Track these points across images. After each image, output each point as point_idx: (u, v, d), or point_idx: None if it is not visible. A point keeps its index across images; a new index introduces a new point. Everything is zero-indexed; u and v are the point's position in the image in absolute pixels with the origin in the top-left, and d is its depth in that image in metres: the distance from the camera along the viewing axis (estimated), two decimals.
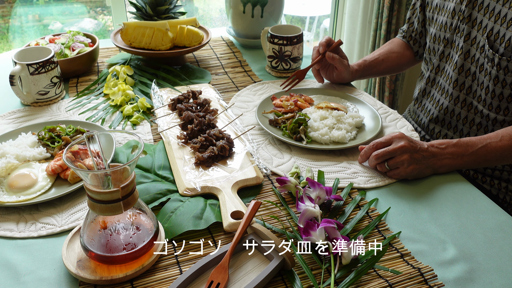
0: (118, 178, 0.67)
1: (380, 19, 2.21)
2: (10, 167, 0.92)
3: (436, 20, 1.18)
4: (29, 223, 0.82)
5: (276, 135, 1.05)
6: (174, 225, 0.80)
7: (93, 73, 1.38)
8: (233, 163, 0.96)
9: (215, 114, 1.13)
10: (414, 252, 0.78)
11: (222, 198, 0.85)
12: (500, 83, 1.01)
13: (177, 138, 1.03)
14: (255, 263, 0.74)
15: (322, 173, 0.93)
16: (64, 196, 0.88)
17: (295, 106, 1.15)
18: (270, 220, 0.84)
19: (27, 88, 1.18)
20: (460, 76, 1.10)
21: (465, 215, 0.86)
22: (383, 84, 2.34)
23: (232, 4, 1.54)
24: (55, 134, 1.01)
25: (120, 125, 1.12)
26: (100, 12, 3.66)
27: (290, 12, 3.70)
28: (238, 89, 1.31)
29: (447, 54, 1.15)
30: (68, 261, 0.72)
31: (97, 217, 0.72)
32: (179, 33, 1.35)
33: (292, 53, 1.35)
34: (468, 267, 0.75)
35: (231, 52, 1.55)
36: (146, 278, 0.72)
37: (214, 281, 0.69)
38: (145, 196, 0.85)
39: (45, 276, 0.73)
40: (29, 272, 0.73)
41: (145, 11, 1.39)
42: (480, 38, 1.04)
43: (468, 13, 1.06)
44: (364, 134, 1.08)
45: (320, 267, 0.74)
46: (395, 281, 0.72)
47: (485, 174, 1.12)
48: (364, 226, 0.83)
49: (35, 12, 3.48)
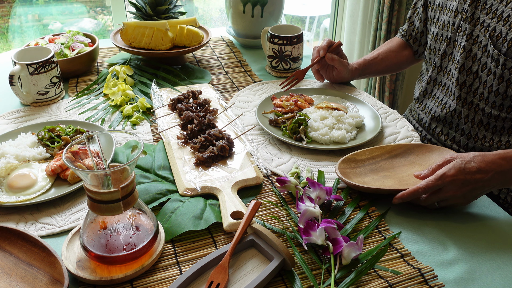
0: (118, 178, 0.67)
1: (380, 19, 2.21)
2: (9, 167, 0.92)
3: (438, 19, 1.18)
4: (29, 223, 0.82)
5: (276, 135, 1.05)
6: (174, 225, 0.80)
7: (93, 73, 1.38)
8: (233, 163, 0.96)
9: (215, 114, 1.13)
10: (414, 252, 0.78)
11: (222, 198, 0.85)
12: (505, 82, 1.01)
13: (177, 138, 1.03)
14: (255, 263, 0.74)
15: (322, 173, 0.93)
16: (64, 196, 0.88)
17: (295, 106, 1.15)
18: (270, 220, 0.84)
19: (27, 88, 1.17)
20: (461, 75, 1.10)
21: (465, 215, 0.86)
22: (383, 84, 2.34)
23: (232, 4, 1.54)
24: (54, 134, 1.01)
25: (120, 125, 1.12)
26: (100, 12, 3.66)
27: (290, 12, 3.70)
28: (238, 89, 1.31)
29: (449, 53, 1.15)
30: (68, 261, 0.72)
31: (97, 217, 0.72)
32: (179, 33, 1.35)
33: (292, 53, 1.34)
34: (468, 267, 0.75)
35: (231, 52, 1.55)
36: (146, 278, 0.72)
37: (214, 281, 0.68)
38: (145, 196, 0.85)
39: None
40: None
41: (145, 11, 1.39)
42: (482, 37, 1.04)
43: (471, 13, 1.06)
44: (364, 134, 1.07)
45: (320, 267, 0.74)
46: (395, 281, 0.72)
47: None
48: (364, 226, 0.83)
49: (34, 12, 3.47)
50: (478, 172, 0.82)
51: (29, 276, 0.71)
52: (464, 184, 0.82)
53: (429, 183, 0.82)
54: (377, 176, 0.93)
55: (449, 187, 0.82)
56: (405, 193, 0.83)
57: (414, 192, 0.83)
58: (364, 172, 0.93)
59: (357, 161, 0.95)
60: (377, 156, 0.97)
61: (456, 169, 0.82)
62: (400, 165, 0.95)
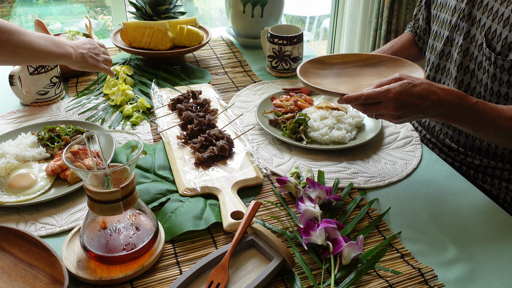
0: (118, 178, 0.67)
1: (380, 19, 2.21)
2: (9, 167, 0.92)
3: (439, 17, 1.18)
4: (29, 223, 0.82)
5: (276, 135, 1.05)
6: (174, 225, 0.80)
7: (93, 73, 1.38)
8: (233, 163, 0.96)
9: (215, 114, 1.13)
10: (414, 252, 0.78)
11: (222, 198, 0.85)
12: (497, 81, 1.01)
13: (177, 138, 1.03)
14: (255, 263, 0.74)
15: (322, 173, 0.93)
16: (63, 196, 0.88)
17: (295, 106, 1.15)
18: (270, 220, 0.84)
19: (27, 88, 1.17)
20: (459, 73, 1.10)
21: (465, 215, 0.86)
22: None
23: (232, 4, 1.54)
24: (54, 134, 1.01)
25: (120, 125, 1.12)
26: (100, 12, 3.66)
27: (290, 12, 3.70)
28: (238, 89, 1.31)
29: (447, 52, 1.15)
30: (68, 261, 0.72)
31: (97, 217, 0.72)
32: (179, 33, 1.35)
33: (292, 53, 1.34)
34: (468, 267, 0.75)
35: (231, 52, 1.55)
36: (146, 278, 0.72)
37: (214, 281, 0.68)
38: (145, 196, 0.85)
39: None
40: None
41: (145, 11, 1.39)
42: (479, 36, 1.04)
43: (468, 11, 1.07)
44: (364, 134, 1.07)
45: (320, 267, 0.74)
46: (396, 281, 0.72)
47: (486, 174, 1.12)
48: (364, 226, 0.83)
49: (34, 12, 3.48)
50: (419, 98, 0.82)
51: (29, 276, 0.71)
52: (403, 105, 0.82)
53: (372, 93, 0.83)
54: (336, 80, 0.89)
55: (388, 103, 0.82)
56: (349, 96, 0.85)
57: (357, 97, 0.84)
58: (326, 74, 0.90)
59: (326, 63, 0.91)
60: (349, 63, 0.93)
61: (401, 88, 0.82)
62: (367, 74, 0.92)
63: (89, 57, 1.09)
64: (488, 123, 0.87)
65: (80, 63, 1.08)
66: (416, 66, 0.98)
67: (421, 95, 0.83)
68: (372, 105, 0.85)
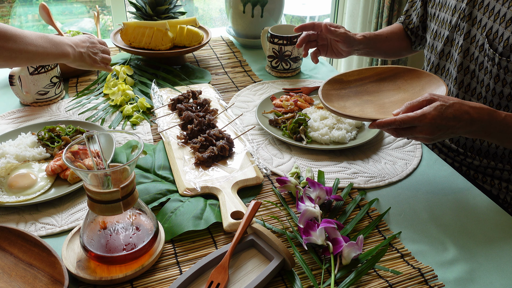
0: (118, 178, 0.67)
1: (380, 19, 2.21)
2: (9, 167, 0.92)
3: (438, 16, 1.18)
4: (29, 223, 0.82)
5: (276, 135, 1.05)
6: (174, 225, 0.80)
7: (93, 73, 1.38)
8: (233, 163, 0.96)
9: (215, 114, 1.13)
10: (414, 252, 0.78)
11: (222, 198, 0.85)
12: (501, 82, 1.01)
13: (177, 138, 1.03)
14: (255, 263, 0.74)
15: (322, 173, 0.93)
16: (63, 196, 0.88)
17: (295, 106, 1.15)
18: (270, 220, 0.84)
19: (27, 88, 1.17)
20: (459, 74, 1.10)
21: (465, 215, 0.86)
22: None
23: (232, 4, 1.54)
24: (54, 134, 1.01)
25: (120, 125, 1.12)
26: (100, 12, 3.66)
27: (290, 12, 3.70)
28: (238, 89, 1.31)
29: (447, 52, 1.15)
30: (68, 261, 0.72)
31: (97, 217, 0.72)
32: (179, 33, 1.35)
33: (292, 53, 1.34)
34: (468, 267, 0.75)
35: (231, 52, 1.55)
36: (146, 278, 0.72)
37: (214, 281, 0.68)
38: (145, 196, 0.85)
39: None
40: None
41: (145, 11, 1.39)
42: (479, 36, 1.04)
43: (468, 11, 1.06)
44: (364, 134, 1.07)
45: (320, 267, 0.74)
46: (396, 281, 0.72)
47: (486, 174, 1.12)
48: (364, 226, 0.83)
49: (34, 12, 3.48)
50: (452, 120, 0.82)
51: (29, 276, 0.71)
52: (438, 128, 0.82)
53: (406, 119, 0.82)
54: (359, 100, 0.89)
55: (424, 127, 0.82)
56: (382, 122, 0.84)
57: (390, 122, 0.83)
58: (347, 94, 0.90)
59: (344, 82, 0.91)
60: (366, 78, 0.93)
61: (436, 112, 0.81)
62: (386, 90, 0.92)
63: (87, 56, 1.10)
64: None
65: (78, 62, 1.08)
66: (434, 77, 0.97)
67: (454, 116, 0.82)
68: (406, 129, 0.83)
